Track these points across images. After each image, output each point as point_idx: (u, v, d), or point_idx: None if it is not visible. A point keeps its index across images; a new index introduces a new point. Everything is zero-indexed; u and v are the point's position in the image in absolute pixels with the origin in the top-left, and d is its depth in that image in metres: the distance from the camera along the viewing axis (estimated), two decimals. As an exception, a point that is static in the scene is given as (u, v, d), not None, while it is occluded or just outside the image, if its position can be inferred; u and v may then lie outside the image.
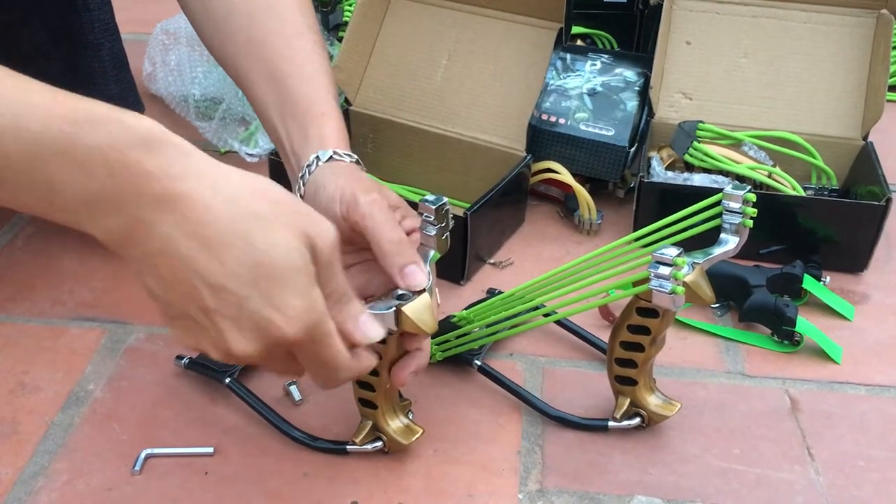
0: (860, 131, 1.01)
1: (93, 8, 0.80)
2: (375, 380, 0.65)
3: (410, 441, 0.68)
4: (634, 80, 1.06)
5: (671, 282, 0.61)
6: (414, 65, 1.07)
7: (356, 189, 0.63)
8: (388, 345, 0.62)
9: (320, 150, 0.66)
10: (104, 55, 0.82)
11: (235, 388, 0.74)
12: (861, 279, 0.94)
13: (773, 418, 0.76)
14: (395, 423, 0.68)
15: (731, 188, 0.64)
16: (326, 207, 0.63)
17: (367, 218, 0.61)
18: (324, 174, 0.65)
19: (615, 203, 1.05)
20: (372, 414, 0.68)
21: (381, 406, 0.67)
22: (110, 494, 0.67)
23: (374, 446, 0.69)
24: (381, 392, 0.66)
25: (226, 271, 0.47)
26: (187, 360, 0.77)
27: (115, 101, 0.84)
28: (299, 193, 0.66)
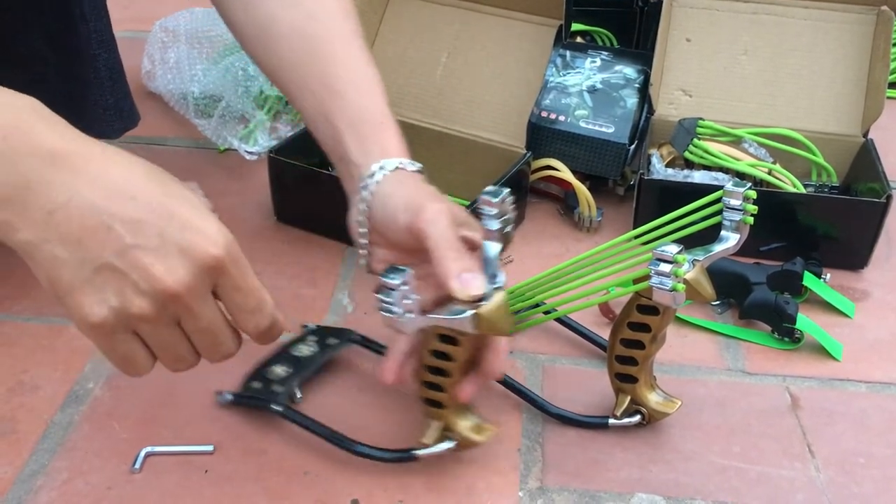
0: (860, 128, 1.01)
1: (90, 19, 0.80)
2: (445, 380, 0.63)
3: (485, 438, 0.66)
4: (634, 77, 1.06)
5: (672, 279, 0.61)
6: (414, 62, 1.07)
7: (424, 198, 0.62)
8: (461, 346, 0.61)
9: (384, 160, 0.65)
10: (100, 66, 0.82)
11: (285, 413, 0.71)
12: (861, 276, 0.94)
13: (774, 415, 0.76)
14: (466, 422, 0.66)
15: (732, 185, 0.64)
16: (393, 217, 0.63)
17: (430, 225, 0.60)
18: (390, 184, 0.64)
19: (615, 200, 1.05)
20: (440, 413, 0.66)
21: (449, 406, 0.65)
22: (110, 493, 0.67)
23: (445, 447, 0.67)
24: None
25: (138, 206, 0.48)
26: (229, 395, 0.74)
27: (110, 111, 0.85)
28: (363, 204, 0.65)
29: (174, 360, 0.54)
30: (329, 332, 0.80)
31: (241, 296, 0.53)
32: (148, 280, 0.48)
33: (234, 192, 1.05)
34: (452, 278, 0.58)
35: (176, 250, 0.48)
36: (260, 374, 0.75)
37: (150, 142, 1.16)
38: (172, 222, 0.49)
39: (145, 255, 0.48)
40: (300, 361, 0.76)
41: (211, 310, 0.52)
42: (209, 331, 0.53)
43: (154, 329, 0.51)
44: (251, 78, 1.16)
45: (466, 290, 0.58)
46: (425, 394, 0.66)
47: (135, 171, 0.50)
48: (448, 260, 0.59)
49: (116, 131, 0.86)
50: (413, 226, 0.61)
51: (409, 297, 0.58)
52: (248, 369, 0.75)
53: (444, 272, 0.58)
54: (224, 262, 0.50)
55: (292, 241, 0.97)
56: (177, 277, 0.49)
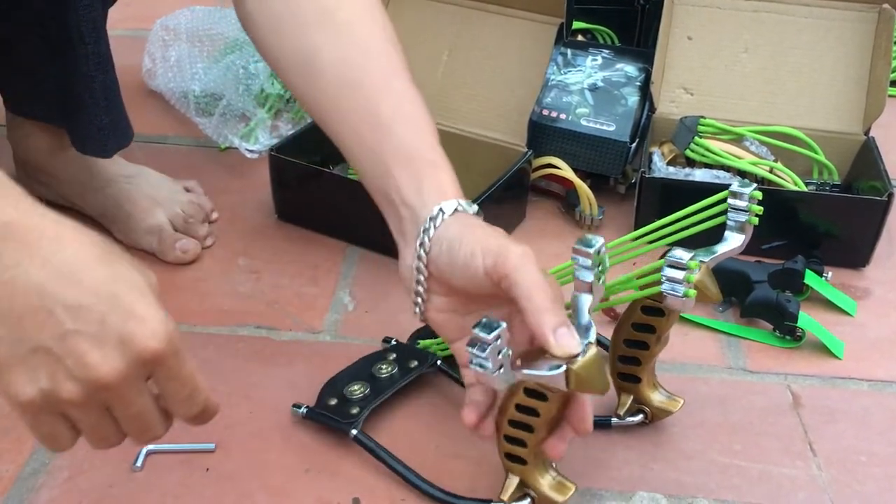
0: (862, 126, 1.01)
1: (88, 42, 0.79)
2: (529, 435, 0.60)
3: (565, 498, 0.63)
4: (635, 75, 1.06)
5: (685, 285, 0.61)
6: (414, 60, 1.05)
7: (501, 241, 0.58)
8: (549, 402, 0.58)
9: (443, 202, 0.61)
10: (96, 87, 0.82)
11: (363, 441, 0.69)
12: (863, 274, 0.94)
13: (775, 414, 0.76)
14: (546, 479, 0.63)
15: (738, 185, 0.64)
16: (465, 263, 0.58)
17: (518, 271, 0.56)
18: (454, 228, 0.60)
19: (616, 198, 1.04)
20: (520, 470, 0.63)
21: (531, 462, 0.62)
22: (111, 491, 0.67)
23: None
24: (532, 448, 0.61)
25: (82, 290, 0.47)
26: (305, 408, 0.72)
27: (105, 131, 0.86)
28: (422, 250, 0.61)
29: (98, 440, 0.52)
30: (410, 352, 0.78)
31: (175, 385, 0.52)
32: (82, 367, 0.47)
33: (235, 190, 1.05)
34: (549, 333, 0.55)
35: (115, 340, 0.47)
36: (337, 391, 0.73)
37: (150, 140, 1.15)
38: (116, 310, 0.47)
39: (83, 342, 0.47)
40: (379, 382, 0.74)
41: (142, 398, 0.51)
42: (138, 417, 0.52)
43: (81, 413, 0.50)
44: (252, 76, 1.16)
45: (563, 347, 0.54)
46: (507, 448, 0.62)
47: (85, 252, 0.48)
48: (544, 312, 0.55)
49: (110, 150, 0.86)
50: (497, 271, 0.57)
51: (502, 352, 0.55)
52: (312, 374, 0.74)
53: (538, 325, 0.55)
54: (163, 354, 0.49)
55: (293, 240, 0.97)
56: (111, 367, 0.47)
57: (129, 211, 0.93)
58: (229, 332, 0.84)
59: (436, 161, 0.64)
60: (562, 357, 0.54)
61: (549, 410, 0.59)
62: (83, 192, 0.95)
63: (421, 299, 0.63)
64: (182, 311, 0.86)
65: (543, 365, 0.55)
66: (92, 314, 0.47)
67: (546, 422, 0.60)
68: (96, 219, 0.96)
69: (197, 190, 1.00)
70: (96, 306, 0.47)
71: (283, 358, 0.81)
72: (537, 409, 0.59)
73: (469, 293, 0.61)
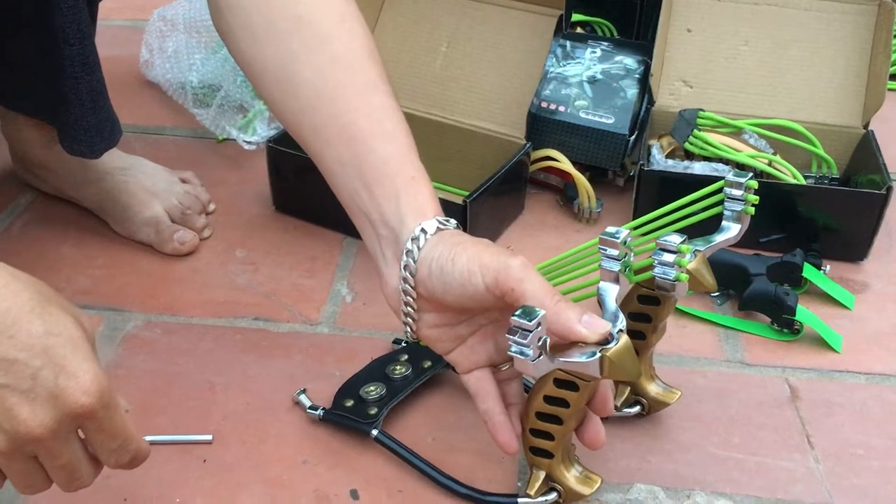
0: (861, 120, 1.01)
1: (73, 43, 0.79)
2: (557, 428, 0.61)
3: (592, 490, 0.63)
4: (635, 67, 1.06)
5: (675, 269, 0.61)
6: (413, 52, 1.07)
7: (498, 256, 0.58)
8: (581, 392, 0.58)
9: (423, 222, 0.60)
10: (82, 88, 0.81)
11: (384, 440, 0.69)
12: (861, 268, 0.94)
13: (773, 407, 0.76)
14: (572, 473, 0.64)
15: (733, 175, 0.64)
16: (463, 283, 0.58)
17: (524, 282, 0.56)
18: (441, 248, 0.59)
19: (615, 191, 1.04)
20: (547, 464, 0.63)
21: (557, 455, 0.63)
22: (109, 482, 0.67)
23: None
24: (560, 441, 0.62)
25: (15, 344, 0.47)
26: (322, 410, 0.72)
27: (92, 132, 0.85)
28: (408, 272, 0.60)
29: (24, 487, 0.53)
30: (421, 352, 0.77)
31: (105, 437, 0.52)
32: (10, 421, 0.48)
33: (233, 182, 1.05)
34: (577, 325, 0.55)
35: (46, 395, 0.48)
36: (353, 392, 0.73)
37: (147, 131, 1.15)
38: (48, 366, 0.48)
39: (12, 396, 0.47)
40: (394, 382, 0.74)
41: (71, 450, 0.52)
42: (65, 468, 0.52)
43: (8, 462, 0.50)
44: (250, 67, 1.16)
45: (596, 330, 0.55)
46: (533, 442, 0.62)
47: (20, 303, 0.48)
48: (563, 311, 0.56)
49: (97, 151, 0.86)
50: (500, 287, 0.57)
51: (542, 339, 0.56)
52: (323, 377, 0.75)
53: (564, 323, 0.55)
54: (93, 410, 0.50)
55: (291, 231, 0.97)
56: (39, 423, 0.48)
57: (125, 203, 0.93)
58: (226, 323, 0.84)
59: (415, 177, 0.63)
60: (596, 341, 0.55)
61: (579, 400, 0.59)
62: (79, 185, 0.95)
63: (411, 319, 0.62)
64: (179, 303, 0.86)
65: (576, 353, 0.56)
66: (24, 369, 0.47)
67: (575, 412, 0.60)
68: (93, 211, 0.96)
69: (194, 181, 1.00)
70: (29, 361, 0.47)
71: (280, 350, 0.81)
72: (567, 400, 0.59)
73: (464, 308, 0.61)
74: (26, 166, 0.98)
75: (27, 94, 0.89)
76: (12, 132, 0.96)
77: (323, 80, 0.65)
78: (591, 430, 0.62)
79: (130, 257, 0.92)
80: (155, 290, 0.87)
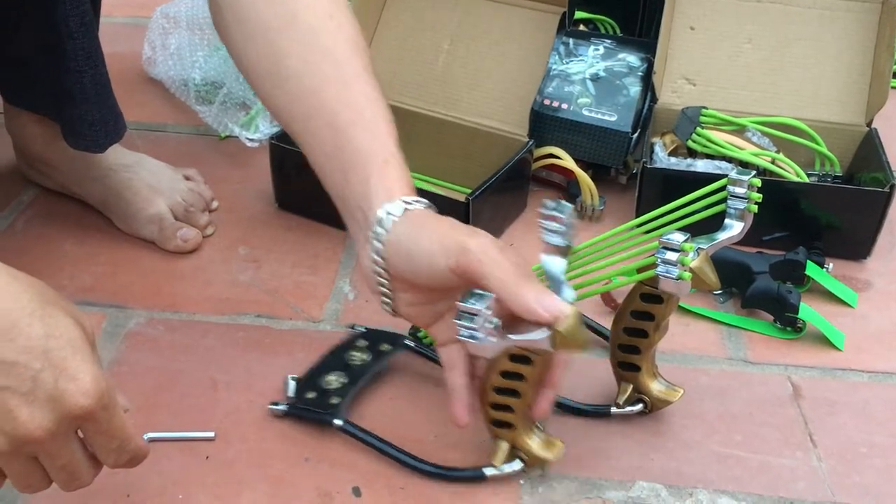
0: (864, 118, 1.01)
1: (77, 37, 0.79)
2: (516, 401, 0.63)
3: (555, 455, 0.66)
4: (638, 65, 1.06)
5: (678, 268, 0.61)
6: (416, 49, 1.06)
7: (457, 237, 0.59)
8: (534, 365, 0.61)
9: (386, 203, 0.61)
10: (86, 82, 0.81)
11: (347, 429, 0.70)
12: (864, 266, 0.94)
13: (776, 405, 0.76)
14: (534, 440, 0.66)
15: (736, 173, 0.64)
16: (427, 264, 0.59)
17: (483, 264, 0.57)
18: (407, 229, 0.60)
19: (618, 189, 1.04)
20: (509, 435, 0.65)
21: (518, 425, 0.65)
22: (112, 479, 0.67)
23: (514, 468, 0.66)
24: (519, 412, 0.64)
25: (16, 347, 0.48)
26: (283, 406, 0.72)
27: (96, 126, 0.85)
28: (376, 254, 0.62)
29: (24, 486, 0.54)
30: (380, 336, 0.78)
31: (104, 438, 0.53)
32: (10, 422, 0.49)
33: (235, 179, 1.05)
34: (535, 306, 0.56)
35: (45, 397, 0.49)
36: (314, 384, 0.73)
37: (150, 128, 1.15)
38: (48, 368, 0.49)
39: (12, 398, 0.48)
40: (354, 370, 0.74)
41: (70, 451, 0.53)
42: (65, 469, 0.53)
43: (8, 462, 0.51)
44: (252, 64, 1.16)
45: (553, 313, 0.56)
46: (494, 416, 0.64)
47: (20, 305, 0.49)
48: (522, 293, 0.57)
49: (102, 146, 0.86)
50: (461, 268, 0.58)
51: (491, 322, 0.57)
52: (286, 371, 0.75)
53: (521, 305, 0.57)
54: (92, 411, 0.50)
55: (293, 229, 0.97)
56: (38, 425, 0.49)
57: (129, 200, 0.93)
58: (229, 320, 0.84)
59: (388, 161, 0.64)
60: (550, 320, 0.56)
61: (533, 373, 0.61)
62: (82, 181, 0.95)
63: (388, 298, 0.64)
64: (182, 300, 0.86)
65: (526, 330, 0.57)
66: (24, 371, 0.48)
67: (532, 385, 0.62)
68: (97, 208, 0.96)
69: (197, 178, 1.00)
70: (29, 363, 0.48)
71: (282, 347, 0.81)
72: (523, 374, 0.61)
73: (435, 287, 0.62)
74: (30, 162, 0.98)
75: (30, 90, 0.89)
76: (16, 128, 0.96)
77: (310, 74, 0.67)
78: (541, 403, 0.64)
79: (133, 254, 0.92)
80: (158, 287, 0.88)
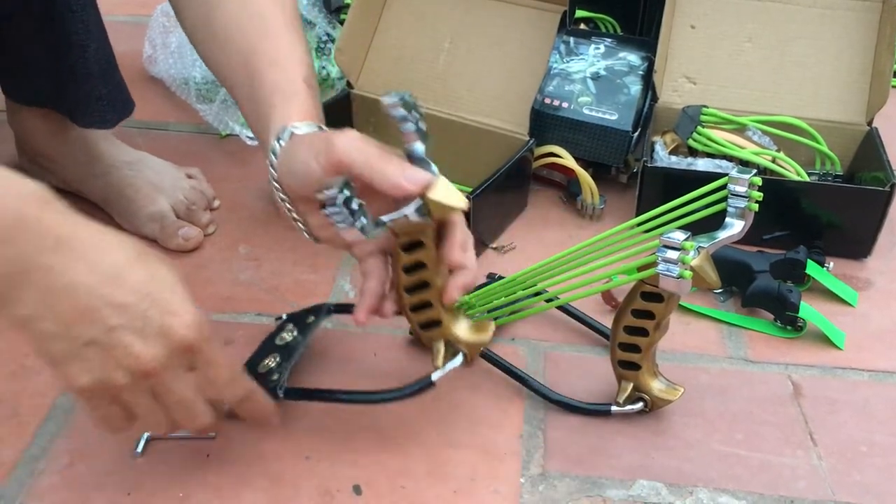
0: (865, 117, 1.01)
1: (76, 9, 0.79)
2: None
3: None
4: (638, 64, 1.06)
5: (679, 266, 0.61)
6: (416, 48, 1.06)
7: (324, 135, 0.62)
8: (426, 248, 0.63)
9: (279, 132, 0.64)
10: (89, 56, 0.81)
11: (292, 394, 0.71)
12: (864, 265, 0.94)
13: (776, 404, 0.76)
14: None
15: (737, 172, 0.64)
16: (305, 172, 0.61)
17: (348, 153, 0.60)
18: (290, 147, 0.63)
19: (618, 188, 1.04)
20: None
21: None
22: (112, 477, 0.67)
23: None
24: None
25: (125, 291, 0.54)
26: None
27: (103, 101, 0.85)
28: (273, 181, 0.65)
29: (150, 425, 0.59)
30: (303, 314, 0.79)
31: (214, 370, 0.59)
32: (127, 357, 0.54)
33: (236, 177, 1.05)
34: (400, 181, 0.59)
35: (155, 332, 0.54)
36: (252, 370, 0.73)
37: (151, 127, 1.15)
38: (154, 307, 0.54)
39: (127, 335, 0.54)
40: (286, 349, 0.75)
41: (183, 385, 0.58)
42: (182, 403, 0.58)
43: (132, 397, 0.57)
44: (253, 63, 1.16)
45: (418, 182, 0.59)
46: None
47: (127, 256, 0.55)
48: (386, 170, 0.59)
49: (110, 122, 0.86)
50: (331, 163, 0.60)
51: (355, 203, 0.59)
52: None
53: (388, 181, 0.59)
54: (196, 343, 0.56)
55: (293, 227, 0.97)
56: (153, 356, 0.55)
57: (130, 197, 0.93)
58: (230, 318, 0.84)
59: (295, 92, 0.67)
60: (421, 191, 0.59)
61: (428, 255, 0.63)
62: (84, 178, 0.95)
63: (300, 223, 0.67)
64: (183, 298, 0.86)
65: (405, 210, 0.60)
66: (135, 311, 0.54)
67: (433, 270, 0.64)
68: (98, 205, 0.96)
69: (199, 177, 1.00)
70: (138, 304, 0.54)
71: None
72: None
73: None
74: (31, 158, 0.98)
75: (31, 81, 0.89)
76: (18, 123, 0.96)
77: (237, 27, 0.71)
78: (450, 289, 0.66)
79: (134, 253, 0.92)
80: (158, 285, 0.87)
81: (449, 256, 0.64)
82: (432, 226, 0.62)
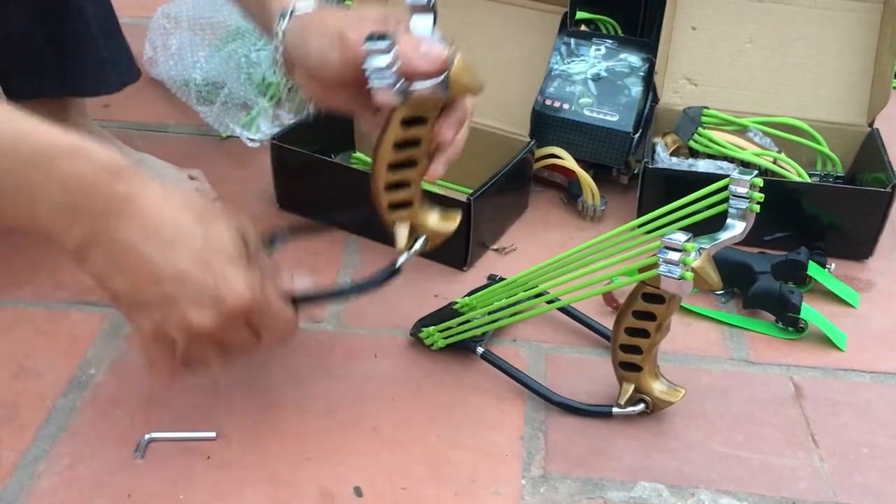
0: (866, 118, 1.01)
1: None
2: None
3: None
4: (639, 65, 1.06)
5: (680, 267, 0.61)
6: (417, 49, 1.06)
7: (340, 29, 0.62)
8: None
9: (280, 11, 0.65)
10: (89, 20, 0.81)
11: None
12: (866, 266, 0.94)
13: (777, 405, 0.76)
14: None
15: (738, 173, 0.64)
16: (324, 65, 0.63)
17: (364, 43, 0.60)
18: (299, 34, 0.65)
19: (619, 189, 1.04)
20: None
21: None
22: (112, 479, 0.67)
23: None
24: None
25: (184, 258, 0.56)
26: None
27: (106, 65, 0.84)
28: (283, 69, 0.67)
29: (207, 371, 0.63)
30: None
31: (268, 324, 0.61)
32: (184, 322, 0.57)
33: (237, 179, 1.05)
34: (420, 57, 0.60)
35: (209, 300, 0.57)
36: None
37: (151, 128, 1.15)
38: (209, 275, 0.57)
39: (183, 301, 0.57)
40: None
41: (238, 339, 0.61)
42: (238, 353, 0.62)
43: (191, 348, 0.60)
44: (254, 65, 1.16)
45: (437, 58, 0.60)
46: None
47: (185, 220, 0.57)
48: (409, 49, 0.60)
49: (113, 86, 0.86)
50: (348, 57, 0.61)
51: (395, 64, 0.60)
52: None
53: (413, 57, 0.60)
54: (248, 308, 0.58)
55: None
56: (205, 322, 0.57)
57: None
58: (230, 320, 0.84)
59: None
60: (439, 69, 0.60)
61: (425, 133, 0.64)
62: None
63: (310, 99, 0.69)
64: (183, 300, 0.86)
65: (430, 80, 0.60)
66: (191, 280, 0.56)
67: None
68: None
69: (200, 178, 1.00)
70: (194, 273, 0.56)
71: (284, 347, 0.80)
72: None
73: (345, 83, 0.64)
74: None
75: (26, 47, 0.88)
76: None
77: None
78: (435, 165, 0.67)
79: (134, 254, 0.92)
80: (159, 287, 0.87)
81: (444, 132, 0.65)
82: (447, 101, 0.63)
